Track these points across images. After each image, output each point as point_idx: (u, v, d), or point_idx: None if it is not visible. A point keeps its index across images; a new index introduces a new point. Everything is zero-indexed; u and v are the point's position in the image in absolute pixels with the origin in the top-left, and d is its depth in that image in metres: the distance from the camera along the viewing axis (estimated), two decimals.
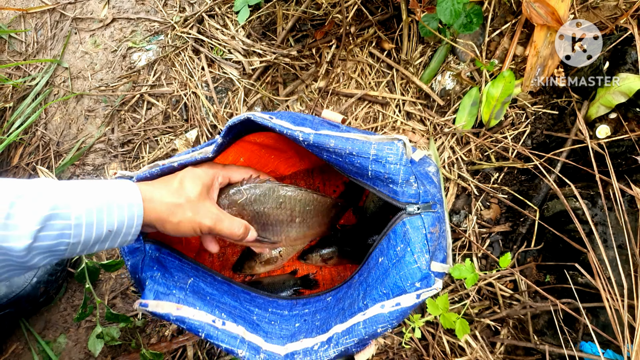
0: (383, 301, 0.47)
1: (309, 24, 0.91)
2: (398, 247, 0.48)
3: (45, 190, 0.39)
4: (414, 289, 0.46)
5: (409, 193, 0.47)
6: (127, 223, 0.43)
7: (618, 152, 0.77)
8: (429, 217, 0.48)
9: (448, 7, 0.71)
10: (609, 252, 0.72)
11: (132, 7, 0.99)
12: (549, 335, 0.79)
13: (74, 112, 0.97)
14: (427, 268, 0.46)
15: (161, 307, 0.49)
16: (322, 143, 0.47)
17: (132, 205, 0.43)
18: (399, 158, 0.46)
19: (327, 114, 0.60)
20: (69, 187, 0.41)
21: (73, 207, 0.40)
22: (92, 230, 0.41)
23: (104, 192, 0.42)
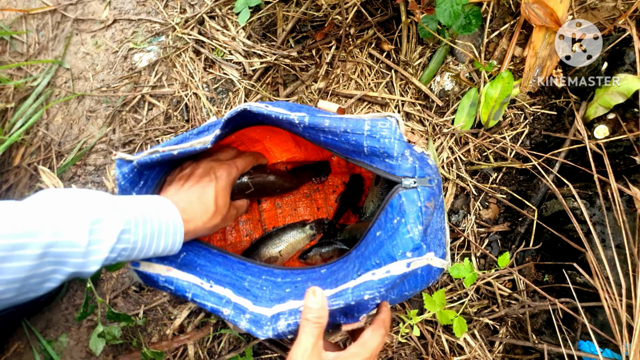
0: (375, 269, 0.47)
1: (309, 25, 0.92)
2: (394, 219, 0.48)
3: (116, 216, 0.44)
4: (404, 257, 0.46)
5: (405, 167, 0.48)
6: (170, 248, 0.50)
7: (616, 153, 0.78)
8: (425, 191, 0.48)
9: (447, 8, 0.72)
10: (607, 251, 0.72)
11: (133, 8, 1.00)
12: (547, 334, 0.79)
13: (75, 113, 0.97)
14: (420, 239, 0.46)
15: (152, 268, 0.51)
16: (318, 123, 0.48)
17: (177, 233, 0.50)
18: (392, 132, 0.47)
19: (323, 104, 0.61)
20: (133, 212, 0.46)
21: (133, 233, 0.45)
22: (142, 253, 0.47)
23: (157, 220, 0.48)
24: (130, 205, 0.47)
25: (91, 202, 0.44)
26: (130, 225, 0.45)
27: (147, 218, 0.47)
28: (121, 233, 0.44)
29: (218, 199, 0.56)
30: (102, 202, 0.44)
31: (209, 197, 0.55)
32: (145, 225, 0.46)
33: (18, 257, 0.37)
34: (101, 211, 0.43)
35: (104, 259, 0.43)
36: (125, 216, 0.45)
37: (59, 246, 0.39)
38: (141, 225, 0.46)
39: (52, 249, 0.39)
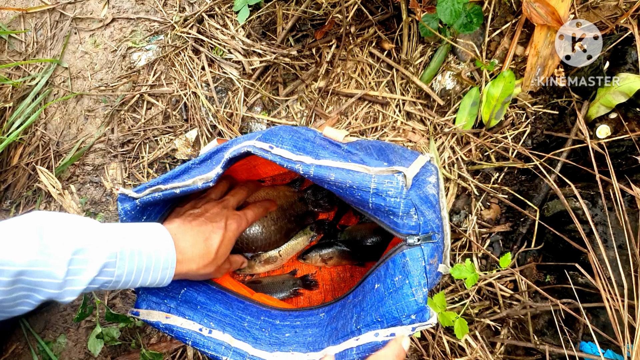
0: (377, 329, 0.48)
1: (309, 23, 0.91)
2: (396, 277, 0.49)
3: (100, 248, 0.43)
4: (409, 320, 0.47)
5: (410, 225, 0.48)
6: (158, 282, 0.49)
7: (618, 152, 0.77)
8: (428, 248, 0.49)
9: (448, 7, 0.71)
10: (609, 252, 0.72)
11: (132, 7, 0.99)
12: (549, 335, 0.79)
13: (73, 112, 0.97)
14: (424, 302, 0.47)
15: (151, 316, 0.52)
16: (323, 176, 0.47)
17: (167, 268, 0.48)
18: (399, 192, 0.46)
19: (329, 132, 0.60)
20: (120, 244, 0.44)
21: (118, 267, 0.44)
22: (128, 285, 0.46)
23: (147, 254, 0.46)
24: (120, 235, 0.45)
25: (77, 230, 0.42)
26: (116, 259, 0.43)
27: (135, 252, 0.45)
28: (104, 266, 0.42)
29: (220, 249, 0.55)
30: (89, 231, 0.43)
31: (212, 244, 0.54)
32: (132, 260, 0.45)
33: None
34: (86, 241, 0.42)
35: (82, 290, 0.42)
36: (112, 248, 0.43)
37: (34, 275, 0.39)
38: (127, 259, 0.44)
39: (24, 277, 0.38)
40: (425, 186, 0.65)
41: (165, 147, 0.92)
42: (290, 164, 0.48)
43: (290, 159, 0.49)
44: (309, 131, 0.59)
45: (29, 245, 0.39)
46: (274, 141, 0.51)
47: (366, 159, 0.56)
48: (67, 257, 0.40)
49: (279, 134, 0.53)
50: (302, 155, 0.49)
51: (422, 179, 0.69)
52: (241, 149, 0.49)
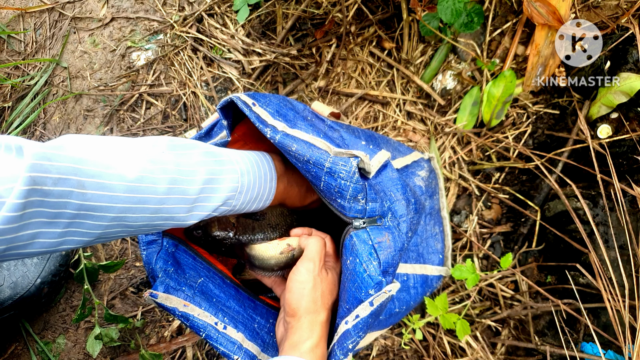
0: (346, 316, 0.48)
1: (309, 23, 0.91)
2: (348, 260, 0.50)
3: (227, 177, 0.46)
4: (368, 296, 0.47)
5: (356, 208, 0.49)
6: (255, 209, 0.53)
7: (619, 152, 0.77)
8: (374, 230, 0.50)
9: (449, 6, 0.71)
10: (610, 252, 0.72)
11: (131, 6, 0.99)
12: (550, 335, 0.79)
13: (72, 112, 0.96)
14: (378, 274, 0.47)
15: (169, 301, 0.51)
16: (286, 145, 0.49)
17: (268, 199, 0.53)
18: (350, 175, 0.47)
19: (317, 106, 0.61)
20: (241, 176, 0.48)
21: (236, 199, 0.47)
22: (234, 211, 0.50)
23: (258, 186, 0.51)
24: (244, 165, 0.49)
25: (211, 155, 0.46)
26: (236, 192, 0.47)
27: (251, 184, 0.49)
28: (227, 198, 0.46)
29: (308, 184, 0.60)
30: (218, 158, 0.46)
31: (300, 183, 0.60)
32: (248, 192, 0.49)
33: (141, 210, 0.39)
34: (216, 170, 0.45)
35: (205, 216, 0.45)
36: (235, 182, 0.46)
37: (169, 202, 0.41)
38: (244, 192, 0.48)
39: (165, 205, 0.40)
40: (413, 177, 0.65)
41: None
42: (262, 126, 0.50)
43: (265, 120, 0.50)
44: (300, 104, 0.60)
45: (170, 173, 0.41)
46: (261, 101, 0.53)
47: (346, 135, 0.57)
48: (199, 185, 0.43)
49: (269, 97, 0.55)
50: (277, 121, 0.51)
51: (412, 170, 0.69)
52: (227, 99, 0.51)
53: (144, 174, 0.39)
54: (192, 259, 0.58)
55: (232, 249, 0.68)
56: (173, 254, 0.56)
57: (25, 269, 0.79)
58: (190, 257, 0.58)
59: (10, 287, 0.77)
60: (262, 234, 0.69)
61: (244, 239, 0.68)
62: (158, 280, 0.53)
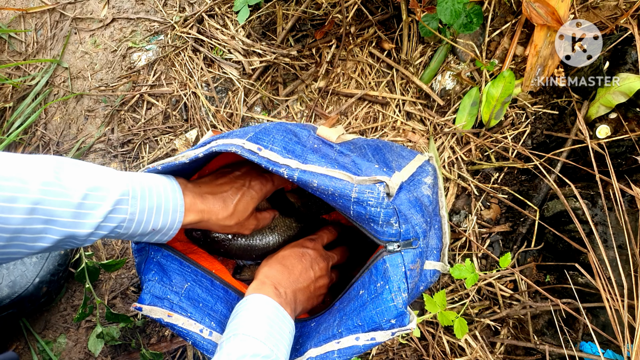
0: (358, 333, 0.49)
1: (309, 23, 0.91)
2: (378, 283, 0.50)
3: (113, 184, 0.45)
4: (389, 325, 0.48)
5: (390, 232, 0.49)
6: (169, 225, 0.50)
7: (618, 152, 0.77)
8: (409, 254, 0.50)
9: (448, 7, 0.71)
10: (609, 252, 0.72)
11: (132, 7, 0.99)
12: (549, 335, 0.79)
13: (73, 112, 0.97)
14: (403, 307, 0.48)
15: (154, 313, 0.53)
16: (306, 181, 0.48)
17: (176, 210, 0.50)
18: (379, 201, 0.47)
19: (323, 131, 0.60)
20: (131, 181, 0.47)
21: (131, 205, 0.45)
22: (141, 226, 0.47)
23: (158, 193, 0.48)
24: (131, 177, 0.47)
25: (91, 170, 0.44)
26: (128, 197, 0.45)
27: (145, 189, 0.47)
28: (117, 203, 0.44)
29: (238, 204, 0.57)
30: (102, 172, 0.45)
31: (230, 199, 0.56)
32: (144, 198, 0.46)
33: (9, 210, 0.38)
34: (99, 180, 0.44)
35: (97, 224, 0.43)
36: (124, 187, 0.45)
37: (48, 204, 0.40)
38: (139, 197, 0.46)
39: (40, 206, 0.40)
40: (420, 187, 0.66)
41: (166, 147, 0.92)
42: (275, 168, 0.49)
43: (276, 162, 0.49)
44: (303, 129, 0.59)
45: (43, 177, 0.40)
46: (265, 141, 0.52)
47: (358, 160, 0.56)
48: (82, 191, 0.42)
49: (272, 133, 0.53)
50: (289, 159, 0.50)
51: (418, 179, 0.69)
52: (229, 147, 0.50)
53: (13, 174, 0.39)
54: (178, 263, 0.58)
55: (231, 249, 0.68)
56: (158, 262, 0.57)
57: (24, 268, 0.79)
58: (176, 261, 0.58)
59: (9, 286, 0.78)
60: (260, 236, 0.70)
61: (242, 240, 0.69)
62: (143, 291, 0.54)
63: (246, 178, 0.60)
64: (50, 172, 0.41)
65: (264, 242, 0.69)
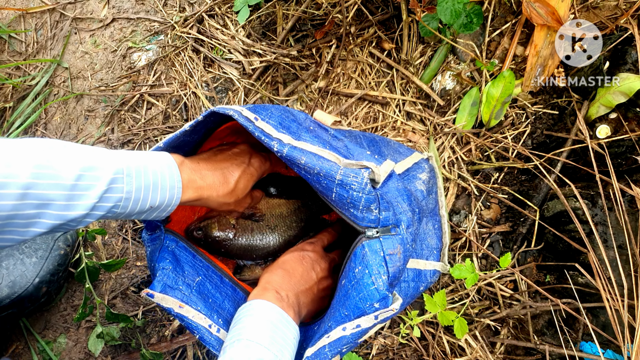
0: (345, 323, 0.49)
1: (309, 23, 0.91)
2: (357, 268, 0.50)
3: (107, 164, 0.43)
4: (372, 309, 0.48)
5: (369, 218, 0.49)
6: (167, 202, 0.48)
7: (618, 152, 0.77)
8: (387, 241, 0.50)
9: (448, 7, 0.71)
10: (609, 252, 0.72)
11: (132, 7, 0.99)
12: (549, 335, 0.79)
13: (74, 112, 0.97)
14: (385, 289, 0.48)
15: (165, 301, 0.52)
16: (294, 158, 0.48)
17: (174, 187, 0.48)
18: (362, 187, 0.47)
19: (319, 115, 0.61)
20: (125, 160, 0.45)
21: (126, 183, 0.44)
22: (138, 204, 0.46)
23: (153, 170, 0.47)
24: (125, 155, 0.46)
25: (82, 150, 0.43)
26: (123, 175, 0.44)
27: (140, 167, 0.46)
28: (112, 182, 0.43)
29: (239, 181, 0.56)
30: (94, 152, 0.44)
31: (232, 175, 0.56)
32: (139, 175, 0.45)
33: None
34: (92, 159, 0.42)
35: (92, 205, 0.42)
36: (118, 165, 0.44)
37: (41, 188, 0.39)
38: (134, 175, 0.45)
39: (32, 191, 0.38)
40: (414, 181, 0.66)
41: None
42: (268, 139, 0.49)
43: (270, 134, 0.50)
44: (300, 113, 0.60)
45: (34, 160, 0.39)
46: (262, 114, 0.52)
47: (351, 145, 0.57)
48: (75, 172, 0.40)
49: (270, 109, 0.54)
50: (282, 134, 0.50)
51: (413, 174, 0.69)
52: (227, 110, 0.50)
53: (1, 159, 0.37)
54: (191, 256, 0.58)
55: (232, 249, 0.68)
56: (173, 251, 0.57)
57: (24, 268, 0.79)
58: (190, 254, 0.58)
59: (9, 286, 0.78)
60: (260, 235, 0.70)
61: (243, 240, 0.69)
62: (156, 279, 0.53)
63: (246, 155, 0.59)
64: (41, 154, 0.40)
65: (264, 242, 0.69)
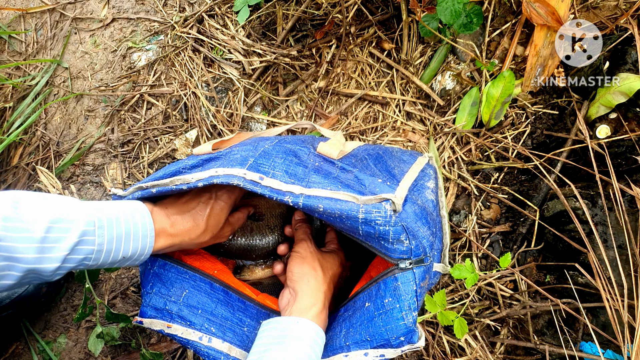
0: (367, 348, 0.50)
1: (309, 23, 0.91)
2: (386, 299, 0.50)
3: (78, 217, 0.43)
4: (397, 342, 0.48)
5: (401, 250, 0.49)
6: (139, 252, 0.48)
7: (618, 152, 0.77)
8: (419, 271, 0.50)
9: (448, 7, 0.71)
10: (609, 252, 0.72)
11: (132, 7, 0.99)
12: (549, 335, 0.79)
13: (73, 112, 0.97)
14: (413, 325, 0.48)
15: (154, 325, 0.55)
16: (312, 207, 0.48)
17: (146, 236, 0.48)
18: (387, 220, 0.47)
19: (323, 149, 0.59)
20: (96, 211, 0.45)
21: (98, 235, 0.44)
22: (110, 255, 0.46)
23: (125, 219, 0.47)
24: (96, 207, 0.45)
25: (53, 202, 0.43)
26: (94, 227, 0.43)
27: (112, 219, 0.45)
28: (83, 234, 0.42)
29: (210, 219, 0.55)
30: (65, 203, 0.43)
31: (200, 215, 0.54)
32: (111, 226, 0.45)
33: None
34: (62, 211, 0.42)
35: (63, 258, 0.41)
36: (89, 217, 0.43)
37: (10, 241, 0.38)
38: (106, 226, 0.44)
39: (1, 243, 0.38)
40: (424, 192, 0.65)
41: (166, 147, 0.92)
42: (279, 196, 0.48)
43: (279, 189, 0.49)
44: (303, 147, 0.58)
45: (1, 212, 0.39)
46: (266, 167, 0.51)
47: (361, 175, 0.56)
48: (44, 224, 0.40)
49: (272, 157, 0.53)
50: (292, 185, 0.50)
51: (421, 184, 0.68)
52: (231, 179, 0.48)
53: None
54: (175, 270, 0.58)
55: (231, 250, 0.68)
56: (155, 272, 0.57)
57: None
58: (173, 268, 0.58)
59: None
60: (260, 236, 0.70)
61: (243, 241, 0.69)
62: (142, 304, 0.56)
63: (211, 189, 0.57)
64: (8, 207, 0.39)
65: (264, 242, 0.69)
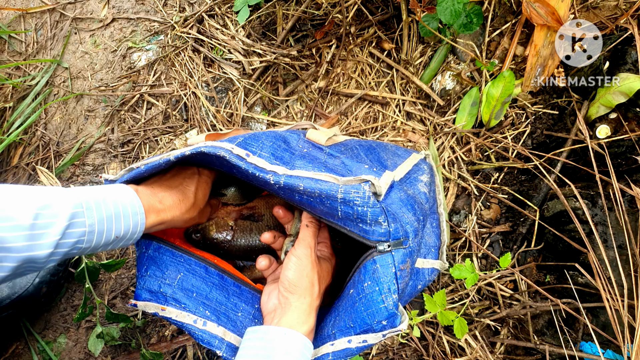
0: (350, 335, 0.50)
1: (309, 24, 0.91)
2: (366, 282, 0.50)
3: (64, 201, 0.43)
4: (380, 326, 0.48)
5: (379, 232, 0.49)
6: (132, 230, 0.48)
7: (618, 152, 0.77)
8: (399, 254, 0.50)
9: (448, 7, 0.71)
10: (609, 252, 0.72)
11: (132, 7, 0.99)
12: (549, 335, 0.79)
13: (73, 112, 0.97)
14: (394, 308, 0.48)
15: (148, 308, 0.54)
16: (292, 185, 0.48)
17: (136, 214, 0.48)
18: (365, 200, 0.47)
19: (312, 135, 0.60)
20: (82, 195, 0.45)
21: (87, 217, 0.44)
22: (103, 236, 0.46)
23: (113, 200, 0.47)
24: (81, 190, 0.46)
25: (37, 191, 0.43)
26: (82, 209, 0.44)
27: (99, 200, 0.45)
28: (72, 216, 0.42)
29: (198, 192, 0.56)
30: (49, 191, 0.43)
31: (189, 189, 0.55)
32: (99, 207, 0.45)
33: None
34: (48, 198, 0.42)
35: (55, 243, 0.41)
36: (75, 200, 0.44)
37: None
38: (94, 207, 0.45)
39: None
40: (417, 184, 0.65)
41: (166, 147, 0.92)
42: (262, 173, 0.49)
43: (263, 168, 0.50)
44: (293, 134, 0.59)
45: None
46: (254, 147, 0.52)
47: (348, 161, 0.56)
48: (32, 212, 0.40)
49: (261, 139, 0.53)
50: (276, 165, 0.50)
51: (414, 177, 0.68)
52: (217, 150, 0.49)
53: None
54: (170, 254, 0.58)
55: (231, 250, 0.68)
56: (150, 255, 0.57)
57: None
58: (167, 252, 0.58)
59: (9, 287, 0.78)
60: (259, 236, 0.70)
61: (242, 241, 0.69)
62: (137, 287, 0.55)
63: (193, 167, 0.59)
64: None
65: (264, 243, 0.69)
